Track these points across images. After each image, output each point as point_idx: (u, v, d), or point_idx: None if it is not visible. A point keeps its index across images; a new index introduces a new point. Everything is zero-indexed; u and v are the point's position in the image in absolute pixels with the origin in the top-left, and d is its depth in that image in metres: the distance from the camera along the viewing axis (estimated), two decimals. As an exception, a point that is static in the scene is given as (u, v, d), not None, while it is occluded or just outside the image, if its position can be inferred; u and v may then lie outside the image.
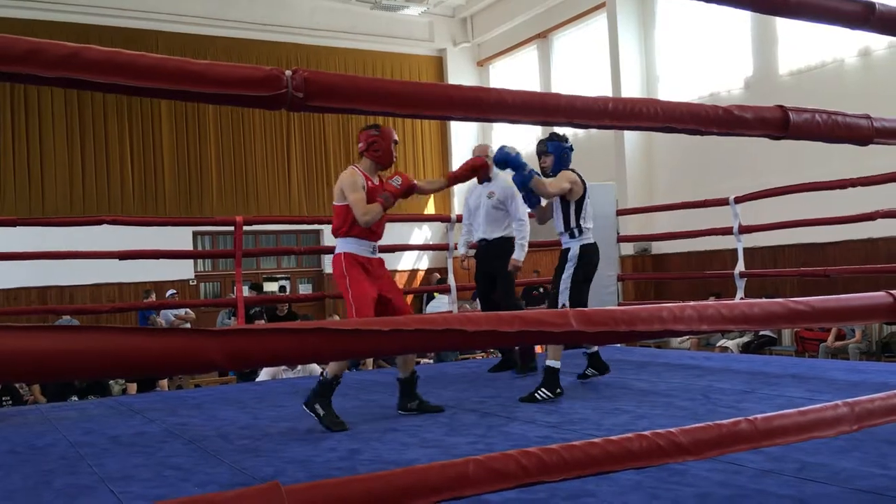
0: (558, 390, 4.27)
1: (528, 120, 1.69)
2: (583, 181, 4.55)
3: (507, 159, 4.25)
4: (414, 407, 4.05)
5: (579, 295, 4.50)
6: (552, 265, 4.89)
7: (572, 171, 4.56)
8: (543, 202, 4.70)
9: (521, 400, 4.24)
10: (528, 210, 5.07)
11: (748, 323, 1.67)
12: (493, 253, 5.44)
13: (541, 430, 3.45)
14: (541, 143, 4.67)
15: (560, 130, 4.71)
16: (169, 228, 9.02)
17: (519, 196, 5.05)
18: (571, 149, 4.65)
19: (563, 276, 4.50)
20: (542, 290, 10.59)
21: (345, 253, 3.95)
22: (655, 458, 1.53)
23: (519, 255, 5.42)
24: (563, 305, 4.46)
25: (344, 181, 3.93)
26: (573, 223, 4.53)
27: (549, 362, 4.32)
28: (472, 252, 5.74)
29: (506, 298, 5.43)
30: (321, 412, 3.68)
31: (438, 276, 14.35)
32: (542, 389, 4.23)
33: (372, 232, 3.98)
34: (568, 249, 4.54)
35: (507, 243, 5.43)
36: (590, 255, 4.56)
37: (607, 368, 4.86)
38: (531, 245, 8.57)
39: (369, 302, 3.86)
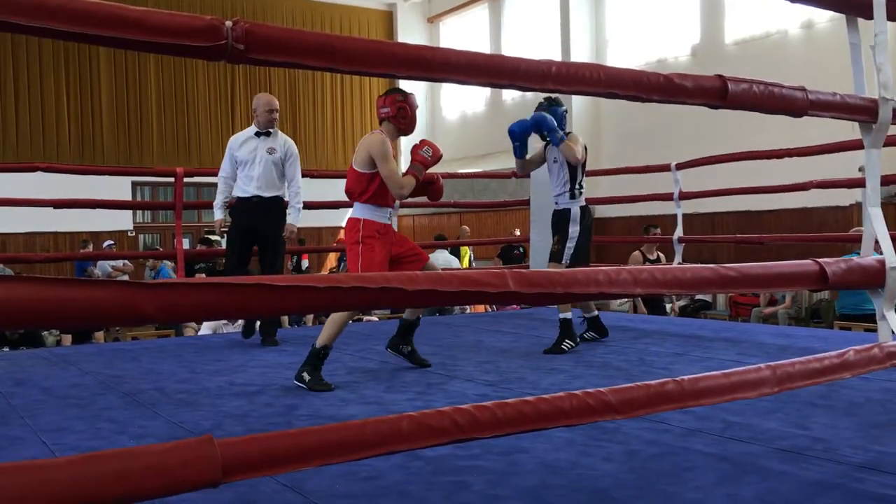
0: (577, 338, 4.55)
1: (472, 81, 1.68)
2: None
3: (543, 122, 4.44)
4: (405, 352, 4.07)
5: (583, 255, 4.67)
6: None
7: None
8: (528, 154, 4.80)
9: (545, 352, 4.44)
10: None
11: (680, 287, 1.72)
12: (267, 212, 4.95)
13: (479, 389, 3.51)
14: (541, 106, 4.65)
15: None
16: (107, 178, 8.80)
17: (298, 159, 4.99)
18: (566, 111, 4.73)
19: (570, 236, 4.63)
20: (521, 249, 10.53)
21: (364, 219, 3.83)
22: (586, 416, 1.57)
23: (296, 219, 5.04)
24: (566, 265, 4.62)
25: (374, 149, 3.76)
26: (576, 185, 4.67)
27: (562, 315, 4.52)
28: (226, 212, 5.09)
29: (276, 264, 5.06)
30: (307, 378, 3.58)
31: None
32: (567, 341, 4.46)
33: (391, 200, 3.89)
34: (567, 210, 4.66)
35: (282, 205, 5.02)
36: (590, 215, 4.79)
37: (606, 332, 4.91)
38: (511, 203, 8.56)
39: (380, 262, 3.79)
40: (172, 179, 6.17)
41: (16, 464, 1.12)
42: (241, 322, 5.90)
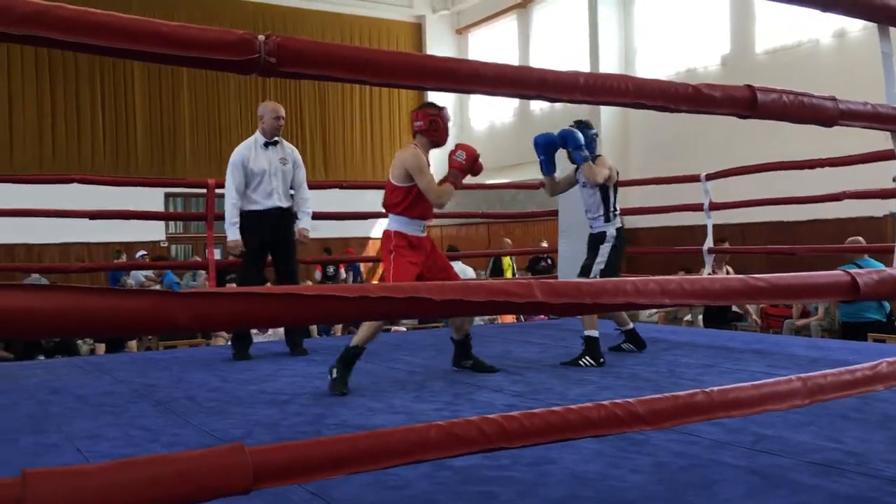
0: (601, 360, 4.35)
1: (500, 92, 1.70)
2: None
3: (570, 137, 4.45)
4: (468, 365, 4.22)
5: (612, 272, 4.60)
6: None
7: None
8: (558, 174, 4.80)
9: (562, 364, 4.39)
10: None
11: (708, 298, 1.71)
12: (288, 222, 5.01)
13: (507, 399, 3.51)
14: (571, 130, 4.58)
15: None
16: (140, 189, 8.92)
17: (302, 164, 5.01)
18: (597, 135, 4.75)
19: (601, 252, 4.64)
20: (549, 260, 10.50)
21: (395, 231, 3.95)
22: (614, 427, 1.57)
23: (309, 223, 5.08)
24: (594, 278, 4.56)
25: (409, 162, 3.87)
26: (611, 207, 4.69)
27: (587, 332, 4.39)
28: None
29: (293, 270, 5.05)
30: (334, 375, 3.70)
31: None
32: (587, 357, 4.36)
33: (427, 212, 4.00)
34: (603, 233, 4.69)
35: (293, 212, 5.08)
36: (623, 238, 4.77)
37: (644, 345, 4.88)
38: (539, 214, 8.60)
39: (410, 271, 3.88)
40: (204, 190, 6.25)
41: (51, 469, 1.15)
42: (271, 331, 5.96)
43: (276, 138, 4.95)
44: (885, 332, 7.00)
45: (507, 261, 11.48)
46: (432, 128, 3.94)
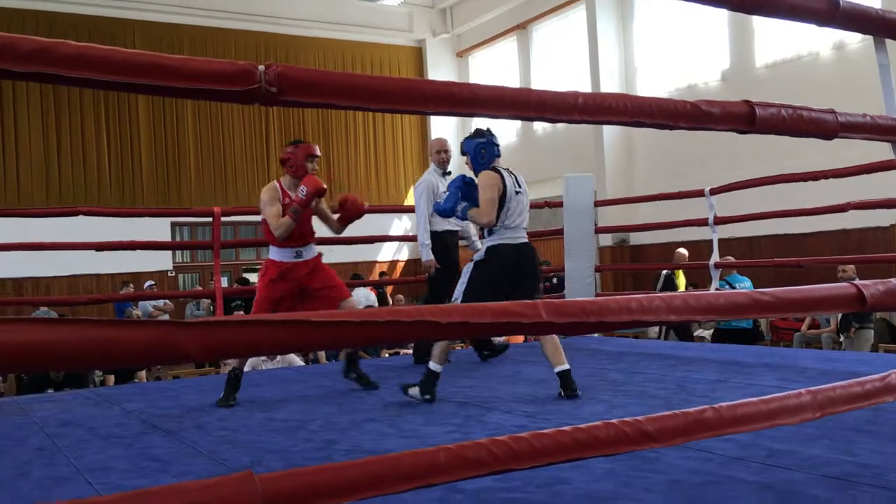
0: (427, 396, 3.95)
1: (499, 114, 1.71)
2: (503, 178, 4.09)
3: (443, 212, 4.21)
4: (353, 377, 4.50)
5: (477, 298, 3.87)
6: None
7: (493, 168, 4.14)
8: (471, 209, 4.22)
9: (401, 386, 4.08)
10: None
11: (714, 313, 1.71)
12: (457, 243, 5.69)
13: (517, 420, 3.49)
14: (461, 144, 4.33)
15: (484, 125, 4.65)
16: (147, 219, 8.99)
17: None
18: (489, 142, 4.20)
19: (464, 271, 4.18)
20: (554, 280, 10.40)
21: (267, 259, 4.36)
22: (623, 445, 1.57)
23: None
24: (455, 301, 4.15)
25: (262, 197, 4.27)
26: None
27: (432, 365, 4.00)
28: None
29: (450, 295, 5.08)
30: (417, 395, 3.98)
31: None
32: (417, 388, 3.98)
33: (294, 239, 4.27)
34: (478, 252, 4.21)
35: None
36: (497, 257, 4.09)
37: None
38: (544, 234, 8.91)
39: (266, 305, 4.21)
40: (210, 219, 6.28)
41: (62, 503, 1.15)
42: (279, 357, 5.96)
43: (449, 169, 5.56)
44: (751, 339, 7.45)
45: (680, 277, 10.22)
46: (288, 164, 4.27)
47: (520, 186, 4.20)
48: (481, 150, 4.19)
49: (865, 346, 7.74)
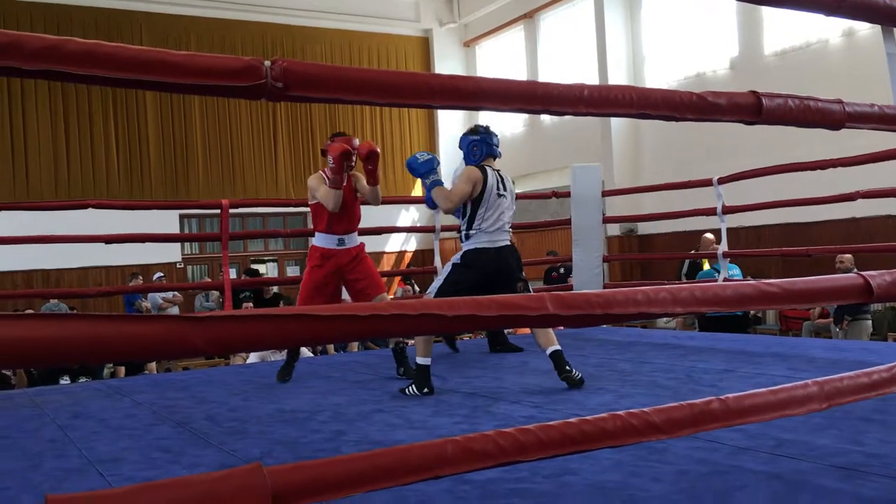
0: (425, 390, 3.96)
1: (505, 108, 1.71)
2: (486, 177, 4.11)
3: (411, 167, 4.20)
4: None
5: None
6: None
7: (480, 166, 4.17)
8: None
9: (400, 391, 4.06)
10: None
11: (721, 305, 1.71)
12: None
13: (525, 410, 3.50)
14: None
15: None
16: (155, 212, 9.00)
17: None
18: (483, 140, 4.21)
19: (442, 271, 4.17)
20: (562, 270, 10.41)
21: (311, 245, 4.59)
22: (630, 437, 1.57)
23: None
24: (430, 296, 4.16)
25: (309, 184, 4.55)
26: (464, 225, 4.17)
27: (419, 359, 4.01)
28: None
29: None
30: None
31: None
32: (412, 386, 4.00)
33: (337, 224, 4.51)
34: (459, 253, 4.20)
35: None
36: (473, 262, 4.10)
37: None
38: (552, 224, 8.86)
39: (311, 289, 4.47)
40: (218, 211, 6.30)
41: (74, 495, 1.16)
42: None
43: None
44: (742, 326, 7.46)
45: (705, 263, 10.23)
46: (325, 155, 4.50)
47: (504, 189, 4.22)
48: (473, 147, 4.26)
49: (864, 336, 7.72)
